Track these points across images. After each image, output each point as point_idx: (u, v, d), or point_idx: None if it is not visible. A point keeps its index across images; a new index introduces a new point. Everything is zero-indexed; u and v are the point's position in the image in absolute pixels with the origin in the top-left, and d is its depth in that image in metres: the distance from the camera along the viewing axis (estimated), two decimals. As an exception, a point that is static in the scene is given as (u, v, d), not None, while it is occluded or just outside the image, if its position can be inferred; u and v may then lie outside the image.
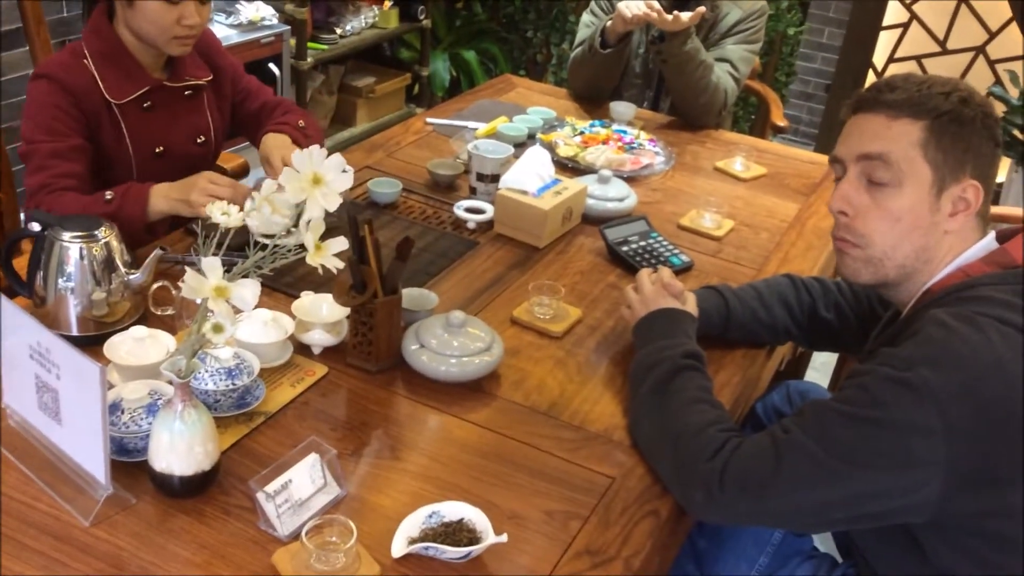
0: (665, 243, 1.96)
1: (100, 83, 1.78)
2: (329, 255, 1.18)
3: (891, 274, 1.32)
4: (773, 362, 1.76)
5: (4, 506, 1.19)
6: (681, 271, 1.89)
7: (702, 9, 2.44)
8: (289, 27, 3.45)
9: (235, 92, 2.06)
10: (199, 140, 1.96)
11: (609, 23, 2.56)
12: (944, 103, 1.26)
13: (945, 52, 4.50)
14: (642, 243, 1.94)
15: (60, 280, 1.47)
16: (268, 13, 3.41)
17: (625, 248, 1.91)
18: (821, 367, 2.98)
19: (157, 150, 1.87)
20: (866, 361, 1.26)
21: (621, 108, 2.55)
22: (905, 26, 4.55)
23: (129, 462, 1.25)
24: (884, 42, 4.62)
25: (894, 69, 4.63)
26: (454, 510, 1.21)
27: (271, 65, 3.37)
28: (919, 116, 1.27)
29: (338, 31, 3.86)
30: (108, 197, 1.70)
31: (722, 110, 2.61)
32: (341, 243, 1.20)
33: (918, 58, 4.58)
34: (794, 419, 1.25)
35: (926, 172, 1.27)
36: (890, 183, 1.28)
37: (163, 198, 1.71)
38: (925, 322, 1.21)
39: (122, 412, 1.27)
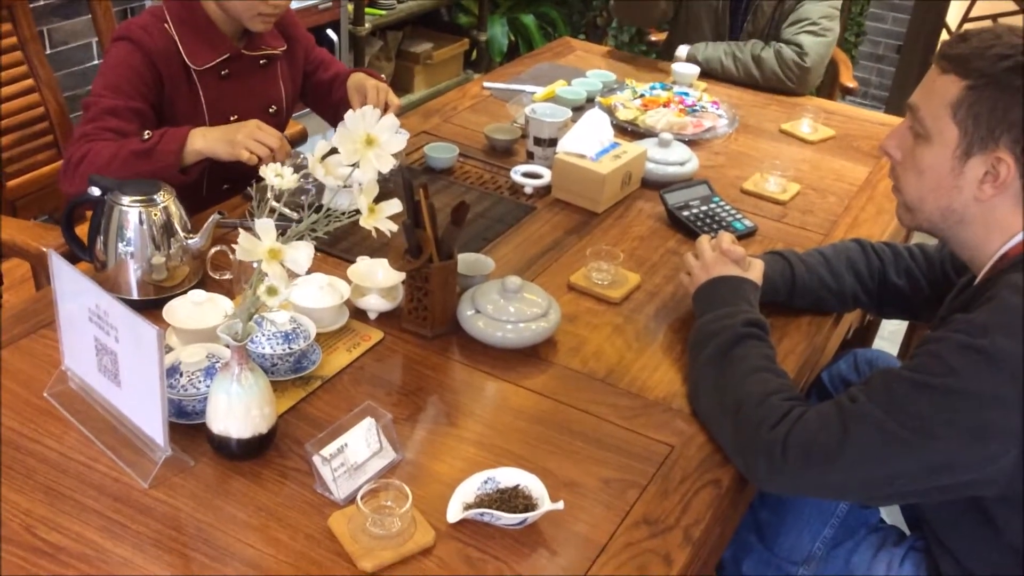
0: (727, 207, 1.91)
1: (180, 48, 1.79)
2: (383, 218, 1.17)
3: (924, 225, 1.32)
4: (840, 330, 1.71)
5: (64, 466, 1.20)
6: (744, 236, 1.84)
7: None
8: (347, -7, 3.44)
9: (307, 63, 2.07)
10: (271, 110, 1.97)
11: None
12: (991, 66, 1.18)
13: (1023, 11, 4.31)
14: (703, 208, 1.89)
15: (120, 245, 1.48)
16: (326, -21, 3.40)
17: (686, 213, 1.87)
18: (890, 336, 2.90)
19: (232, 118, 1.87)
20: (939, 328, 1.21)
21: (683, 69, 2.48)
22: (981, -17, 4.37)
23: (187, 424, 1.25)
24: (956, 1, 4.44)
25: (968, 28, 4.45)
26: (510, 476, 1.20)
27: (329, 31, 3.36)
28: (964, 75, 1.21)
29: (396, -4, 3.84)
30: (146, 136, 1.69)
31: (804, 73, 2.51)
32: (394, 206, 1.18)
33: (994, 17, 4.39)
34: (862, 387, 1.21)
35: (953, 133, 1.22)
36: (923, 136, 1.26)
37: (201, 137, 1.69)
38: (1001, 287, 1.17)
39: (180, 375, 1.27)
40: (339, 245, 1.70)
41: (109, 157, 1.65)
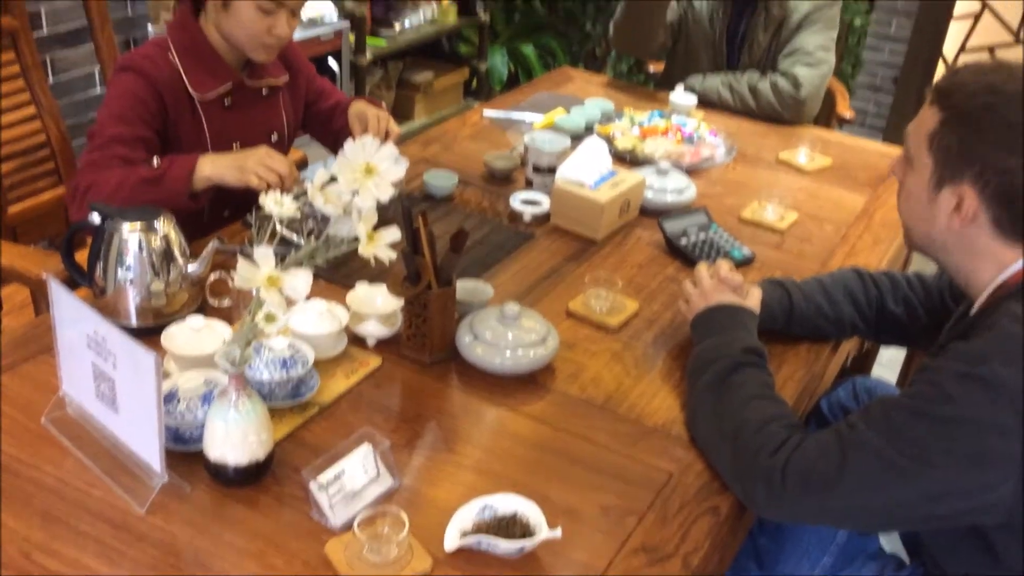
0: (725, 236, 1.92)
1: (184, 77, 1.81)
2: (381, 245, 1.17)
3: (917, 246, 1.35)
4: (839, 357, 1.71)
5: (62, 492, 1.20)
6: (742, 264, 1.85)
7: None
8: (348, 22, 3.47)
9: (309, 92, 2.09)
10: (273, 138, 1.99)
11: None
12: (965, 102, 1.21)
13: (1019, 42, 4.35)
14: (701, 235, 1.90)
15: (120, 271, 1.49)
16: (328, 10, 3.43)
17: (684, 241, 1.88)
18: (888, 363, 2.90)
19: (234, 146, 1.89)
20: (937, 356, 1.21)
21: (681, 99, 2.50)
22: (977, 16, 4.40)
23: (184, 451, 1.25)
24: (955, 32, 4.47)
25: (965, 60, 4.49)
26: (507, 503, 1.19)
27: (330, 61, 3.39)
28: (942, 108, 1.24)
29: (397, 26, 3.87)
30: (155, 163, 1.70)
31: (799, 104, 2.53)
32: (393, 233, 1.19)
33: (990, 48, 4.43)
34: (860, 415, 1.21)
35: (928, 162, 1.25)
36: (909, 163, 1.29)
37: (210, 163, 1.71)
38: (999, 316, 1.17)
39: (178, 401, 1.27)
40: (339, 271, 1.70)
41: (117, 184, 1.66)
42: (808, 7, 2.56)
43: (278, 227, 1.16)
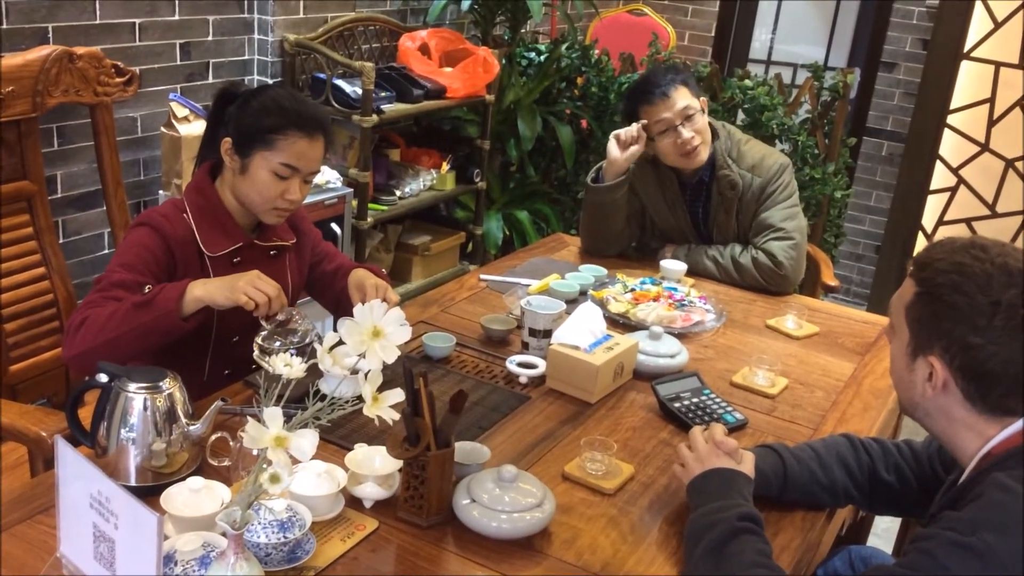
0: (718, 400, 1.95)
1: (197, 236, 1.90)
2: (386, 406, 1.20)
3: (906, 411, 1.41)
4: (834, 525, 1.71)
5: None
6: (735, 429, 1.87)
7: None
8: (352, 190, 3.61)
9: (314, 255, 2.17)
10: None
11: (605, 163, 2.67)
12: (934, 277, 1.29)
13: (995, 215, 4.52)
14: (694, 399, 1.93)
15: (123, 430, 1.50)
16: (333, 177, 3.57)
17: (677, 404, 1.91)
18: (883, 533, 2.87)
19: None
20: (929, 525, 1.23)
21: (671, 266, 2.59)
22: (953, 190, 4.59)
23: (178, 615, 1.24)
24: (933, 205, 4.65)
25: (944, 232, 4.65)
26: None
27: (333, 224, 3.51)
28: (916, 281, 1.32)
29: (397, 193, 4.01)
30: (145, 290, 1.75)
31: (781, 279, 2.60)
32: (397, 395, 1.22)
33: (968, 221, 4.60)
34: (857, 585, 1.21)
35: (906, 333, 1.33)
36: (893, 330, 1.38)
37: (201, 285, 1.75)
38: (987, 485, 1.20)
39: (175, 564, 1.27)
40: (336, 432, 1.72)
41: (109, 314, 1.72)
42: (759, 182, 2.62)
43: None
